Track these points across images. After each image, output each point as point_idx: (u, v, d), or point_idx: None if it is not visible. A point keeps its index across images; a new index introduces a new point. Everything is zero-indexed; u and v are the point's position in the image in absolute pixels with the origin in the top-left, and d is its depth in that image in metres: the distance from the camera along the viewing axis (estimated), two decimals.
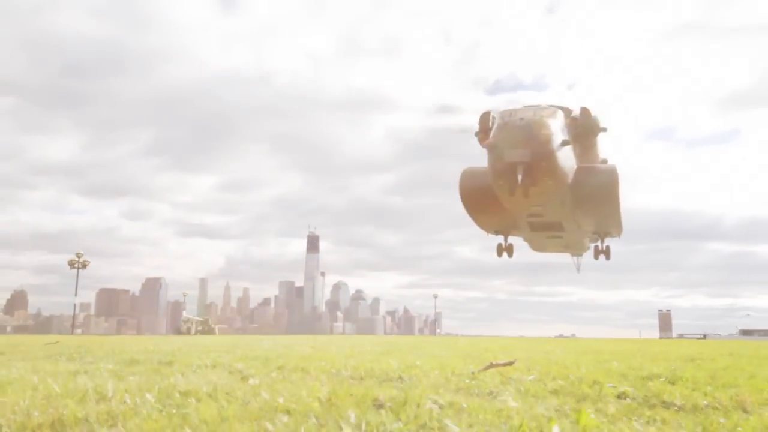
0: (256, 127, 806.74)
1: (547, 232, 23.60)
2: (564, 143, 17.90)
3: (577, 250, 26.64)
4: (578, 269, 29.47)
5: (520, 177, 17.70)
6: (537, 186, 18.90)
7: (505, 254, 24.31)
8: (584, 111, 19.55)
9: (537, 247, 26.06)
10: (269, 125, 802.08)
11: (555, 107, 18.83)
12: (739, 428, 4.26)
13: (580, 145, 19.66)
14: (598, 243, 23.82)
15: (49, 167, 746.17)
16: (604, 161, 21.42)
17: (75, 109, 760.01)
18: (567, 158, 18.27)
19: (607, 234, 23.08)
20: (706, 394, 6.45)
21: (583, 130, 19.54)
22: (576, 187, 19.24)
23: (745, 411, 5.40)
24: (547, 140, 17.68)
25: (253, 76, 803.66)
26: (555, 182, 18.66)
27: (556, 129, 17.90)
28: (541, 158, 17.68)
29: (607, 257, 24.06)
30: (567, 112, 19.51)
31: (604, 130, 20.03)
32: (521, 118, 18.12)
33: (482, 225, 23.26)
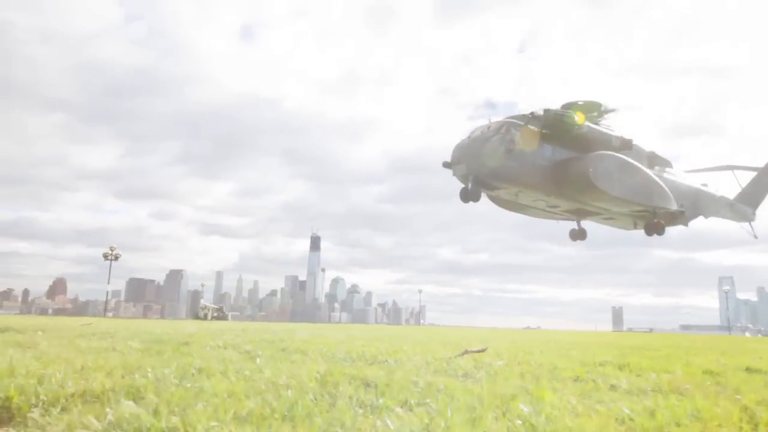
0: (268, 142, 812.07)
1: (594, 216, 22.36)
2: (508, 151, 17.93)
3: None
4: (755, 236, 26.37)
5: (470, 186, 18.12)
6: (499, 189, 18.96)
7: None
8: (546, 113, 19.17)
9: (615, 226, 23.92)
10: (279, 141, 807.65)
11: (510, 120, 18.77)
12: (675, 407, 4.28)
13: (559, 141, 19.20)
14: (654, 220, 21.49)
15: (89, 173, 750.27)
16: (626, 142, 20.30)
17: (114, 124, 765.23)
18: (514, 161, 18.11)
19: (656, 211, 21.10)
20: (648, 379, 6.50)
21: (554, 130, 19.15)
22: (556, 180, 18.93)
23: (680, 394, 5.43)
24: (483, 153, 17.94)
25: (266, 99, 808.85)
26: (508, 183, 18.57)
27: (497, 141, 18.06)
28: (479, 170, 18.00)
29: (659, 233, 21.91)
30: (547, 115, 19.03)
31: (579, 123, 19.22)
32: (469, 137, 18.51)
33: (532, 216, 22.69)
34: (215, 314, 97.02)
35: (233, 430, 2.89)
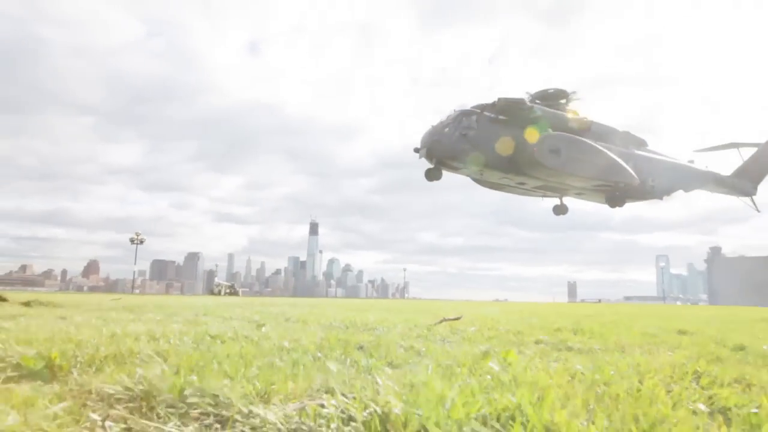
0: (271, 142, 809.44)
1: (565, 192, 20.75)
2: (461, 135, 17.79)
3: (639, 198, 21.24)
4: (757, 209, 23.45)
5: (432, 166, 18.19)
6: (460, 169, 18.79)
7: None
8: (499, 101, 18.60)
9: (589, 200, 21.61)
10: (281, 141, 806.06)
11: (468, 109, 18.33)
12: (619, 362, 4.36)
13: (515, 125, 18.47)
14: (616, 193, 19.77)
15: (117, 169, 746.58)
16: (584, 123, 19.22)
17: (138, 126, 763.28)
18: (468, 144, 17.76)
19: (617, 185, 19.36)
20: (597, 341, 6.59)
21: (507, 115, 18.53)
22: (510, 159, 18.32)
23: (623, 352, 5.52)
24: (439, 138, 17.86)
25: (269, 104, 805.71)
26: (465, 164, 18.25)
27: (453, 127, 17.90)
28: (437, 152, 17.89)
29: (620, 205, 20.25)
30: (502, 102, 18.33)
31: (529, 110, 18.57)
32: (432, 126, 18.44)
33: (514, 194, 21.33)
34: (228, 290, 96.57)
35: (243, 386, 2.89)
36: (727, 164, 23.75)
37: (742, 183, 23.34)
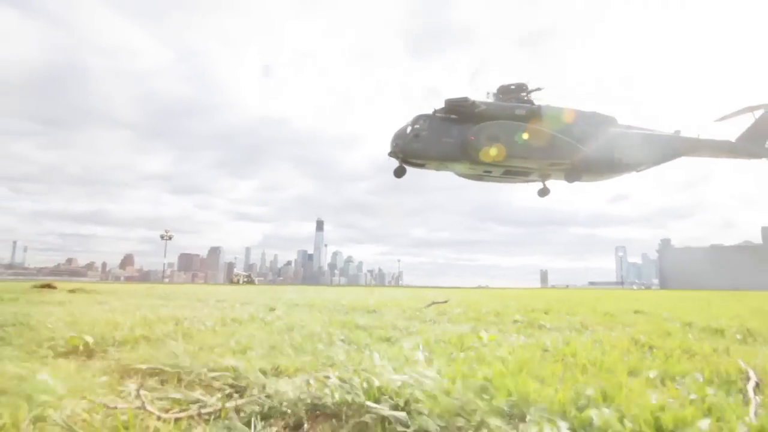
0: (282, 151, 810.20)
1: (532, 175, 19.50)
2: (415, 136, 17.92)
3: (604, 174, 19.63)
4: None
5: (399, 164, 18.32)
6: (421, 165, 18.77)
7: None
8: (446, 102, 18.45)
9: (558, 179, 20.04)
10: (291, 150, 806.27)
11: (422, 114, 18.42)
12: (584, 337, 4.39)
13: (465, 122, 18.16)
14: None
15: (149, 175, 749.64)
16: (533, 110, 18.42)
17: (167, 138, 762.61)
18: (422, 143, 17.84)
19: (568, 163, 18.40)
20: (565, 320, 6.61)
21: (455, 113, 18.44)
22: (462, 152, 18.01)
23: (586, 329, 5.55)
24: (402, 138, 18.07)
25: (280, 119, 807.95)
26: (423, 159, 18.19)
27: (409, 130, 18.11)
28: (399, 152, 18.12)
29: (578, 180, 19.21)
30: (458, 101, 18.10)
31: (472, 106, 18.16)
32: (399, 128, 18.55)
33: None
34: (245, 280, 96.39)
35: (257, 360, 2.90)
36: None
37: (753, 145, 20.26)
